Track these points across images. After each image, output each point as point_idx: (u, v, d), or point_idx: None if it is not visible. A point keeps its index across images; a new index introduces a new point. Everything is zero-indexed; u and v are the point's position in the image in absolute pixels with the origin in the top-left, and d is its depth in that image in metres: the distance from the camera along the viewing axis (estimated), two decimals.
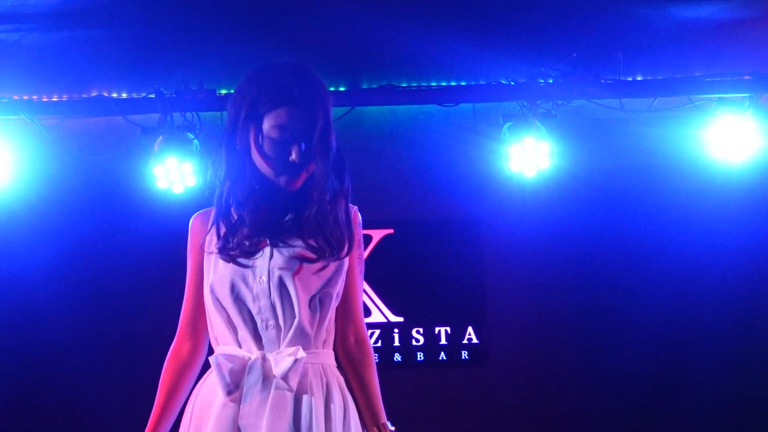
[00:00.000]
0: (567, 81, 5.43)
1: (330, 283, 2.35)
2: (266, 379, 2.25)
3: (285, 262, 2.31)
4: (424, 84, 5.68)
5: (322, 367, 2.35)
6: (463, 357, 5.82)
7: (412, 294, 5.87)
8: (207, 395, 2.32)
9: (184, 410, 2.40)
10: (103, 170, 5.62)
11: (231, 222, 2.35)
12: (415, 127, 5.93)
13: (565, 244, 5.83)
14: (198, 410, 2.33)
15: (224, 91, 5.43)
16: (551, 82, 5.51)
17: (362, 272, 2.50)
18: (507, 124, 5.48)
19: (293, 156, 2.27)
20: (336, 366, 2.42)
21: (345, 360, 2.45)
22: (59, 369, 5.62)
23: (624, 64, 5.39)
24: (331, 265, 2.35)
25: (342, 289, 2.40)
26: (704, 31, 5.15)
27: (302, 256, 2.32)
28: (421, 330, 5.83)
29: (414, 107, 5.90)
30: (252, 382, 2.25)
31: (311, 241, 2.32)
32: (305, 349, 2.28)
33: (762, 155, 5.51)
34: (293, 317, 2.30)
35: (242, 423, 2.23)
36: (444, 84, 5.69)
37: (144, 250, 5.50)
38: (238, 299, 2.31)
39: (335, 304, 2.39)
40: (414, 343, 5.81)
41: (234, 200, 2.35)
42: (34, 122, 5.47)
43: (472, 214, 5.92)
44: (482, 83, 5.63)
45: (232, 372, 2.26)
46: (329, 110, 2.33)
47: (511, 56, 5.30)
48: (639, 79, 5.62)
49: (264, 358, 2.27)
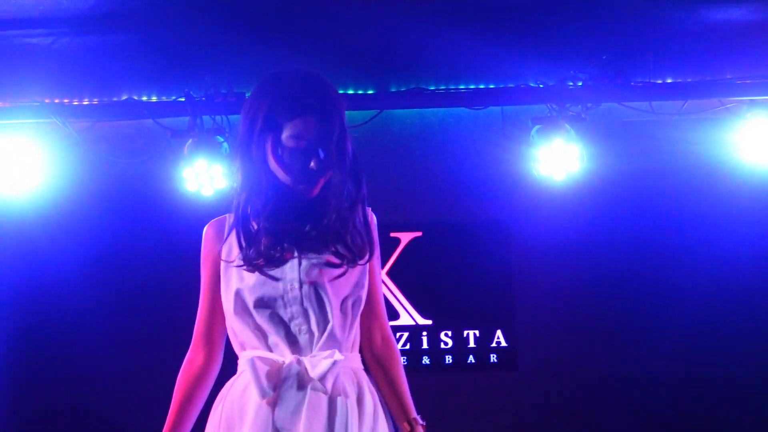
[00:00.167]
0: (596, 84, 5.41)
1: (357, 287, 2.38)
2: (302, 382, 2.27)
3: (314, 269, 2.33)
4: (453, 87, 5.68)
5: (352, 370, 2.38)
6: (492, 360, 5.80)
7: (441, 297, 5.86)
8: (239, 397, 2.33)
9: (210, 414, 2.41)
10: (133, 173, 5.66)
11: (250, 231, 2.36)
12: (444, 130, 5.93)
13: (594, 248, 5.80)
14: (229, 412, 2.33)
15: None
16: (580, 85, 5.49)
17: (380, 271, 2.54)
18: (536, 127, 5.48)
19: (312, 164, 2.29)
20: (364, 368, 2.44)
21: (372, 360, 2.49)
22: (90, 370, 5.66)
23: (654, 67, 5.37)
24: (356, 269, 2.38)
25: (367, 291, 2.42)
26: (735, 33, 5.11)
27: (328, 262, 2.34)
28: (450, 333, 5.82)
29: (442, 110, 5.90)
30: (288, 385, 2.27)
31: (334, 248, 2.35)
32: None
33: None
34: (326, 322, 2.32)
35: (279, 425, 2.25)
36: (472, 87, 5.68)
37: (173, 253, 5.52)
38: (268, 306, 2.32)
39: (363, 307, 2.41)
40: (442, 346, 5.80)
41: (252, 209, 2.36)
42: (66, 125, 5.52)
43: (501, 217, 5.90)
44: (511, 86, 5.61)
45: (269, 374, 2.27)
46: (344, 116, 2.35)
47: (540, 59, 5.28)
48: (669, 82, 5.59)
49: (298, 362, 2.29)
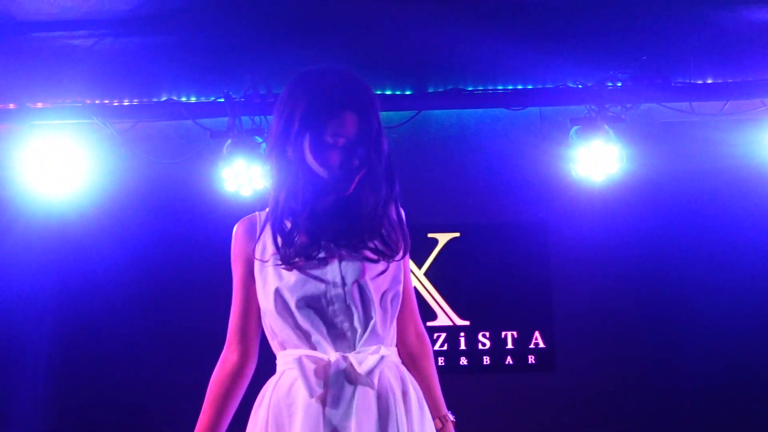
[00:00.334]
0: (636, 84, 5.38)
1: (395, 282, 2.40)
2: (350, 378, 2.28)
3: (355, 266, 2.34)
4: (491, 87, 5.67)
5: (395, 364, 2.40)
6: (530, 362, 5.79)
7: (479, 297, 5.86)
8: (285, 395, 2.33)
9: (252, 413, 2.41)
10: (173, 173, 5.70)
11: (285, 230, 2.37)
12: (482, 131, 5.92)
13: (633, 249, 5.76)
14: (276, 411, 2.33)
15: None
16: (620, 86, 5.46)
17: (410, 268, 2.56)
18: (575, 128, 5.46)
19: (354, 162, 2.31)
20: (401, 363, 2.46)
21: (406, 355, 2.52)
22: (131, 369, 5.71)
23: (694, 67, 5.33)
24: (392, 265, 2.40)
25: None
26: None
27: (367, 258, 2.36)
28: (488, 334, 5.81)
29: (480, 111, 5.89)
30: (338, 382, 2.28)
31: (371, 245, 2.37)
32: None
33: None
34: (369, 318, 2.33)
35: (331, 422, 2.25)
36: (511, 87, 5.67)
37: (213, 253, 5.50)
38: (311, 305, 2.33)
39: (401, 302, 2.43)
40: (480, 347, 5.79)
41: (289, 208, 2.37)
42: (107, 126, 5.58)
43: (539, 218, 5.89)
44: (550, 87, 5.60)
45: (317, 372, 2.28)
46: (380, 115, 2.36)
47: (579, 59, 5.26)
48: (710, 82, 5.55)
49: (344, 358, 2.30)
